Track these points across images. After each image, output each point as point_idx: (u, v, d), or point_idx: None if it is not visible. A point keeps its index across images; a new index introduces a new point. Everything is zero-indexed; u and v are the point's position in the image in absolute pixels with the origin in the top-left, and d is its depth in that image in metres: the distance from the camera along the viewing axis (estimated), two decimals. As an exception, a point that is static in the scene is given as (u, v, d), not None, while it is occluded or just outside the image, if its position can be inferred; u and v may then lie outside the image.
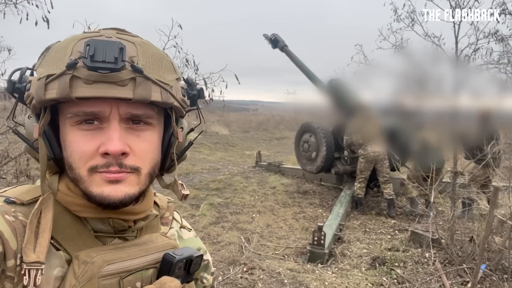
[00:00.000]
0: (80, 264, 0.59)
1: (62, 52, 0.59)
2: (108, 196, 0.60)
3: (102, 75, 0.55)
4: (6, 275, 0.56)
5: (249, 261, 4.10)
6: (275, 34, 7.55)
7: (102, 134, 0.59)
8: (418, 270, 3.95)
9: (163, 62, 0.63)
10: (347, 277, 3.82)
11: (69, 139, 0.60)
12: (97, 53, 0.55)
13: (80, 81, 0.55)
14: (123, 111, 0.59)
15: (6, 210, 0.60)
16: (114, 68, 0.55)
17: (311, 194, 6.99)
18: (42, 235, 0.58)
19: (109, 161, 0.59)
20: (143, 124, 0.62)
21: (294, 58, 7.30)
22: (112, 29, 0.64)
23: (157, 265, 0.66)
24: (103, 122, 0.60)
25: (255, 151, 10.83)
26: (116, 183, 0.60)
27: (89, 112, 0.58)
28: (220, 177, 8.28)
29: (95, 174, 0.60)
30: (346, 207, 5.58)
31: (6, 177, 2.75)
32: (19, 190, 0.67)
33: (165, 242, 0.70)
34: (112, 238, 0.67)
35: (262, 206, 6.18)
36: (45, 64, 0.59)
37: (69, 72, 0.55)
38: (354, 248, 4.54)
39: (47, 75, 0.56)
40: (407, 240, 4.72)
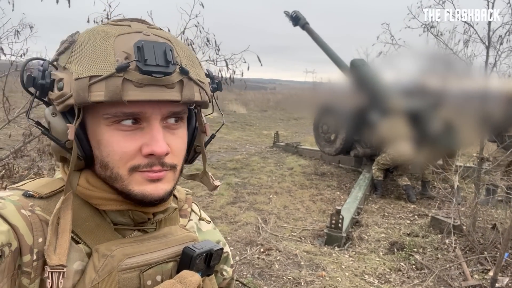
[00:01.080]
0: (100, 258, 0.58)
1: (102, 50, 0.56)
2: (150, 195, 0.61)
3: (155, 79, 0.55)
4: (23, 271, 0.55)
5: (266, 242, 4.12)
6: (296, 11, 7.33)
7: (143, 134, 0.59)
8: (438, 256, 3.89)
9: (195, 59, 0.63)
10: (364, 261, 3.80)
11: (106, 139, 0.59)
12: (149, 56, 0.54)
13: (131, 84, 0.54)
14: (166, 110, 0.60)
15: (23, 204, 0.59)
16: (167, 72, 0.55)
17: (329, 176, 6.93)
18: (62, 235, 0.57)
19: (152, 161, 0.59)
20: (175, 120, 0.63)
21: (315, 36, 7.10)
22: (136, 21, 0.62)
23: (177, 259, 0.66)
24: (142, 121, 0.59)
25: (272, 131, 10.77)
26: (157, 182, 0.61)
27: (129, 113, 0.58)
28: (238, 157, 8.30)
29: (136, 173, 0.60)
30: (364, 190, 5.51)
31: (30, 154, 2.79)
32: (38, 183, 0.65)
33: (185, 235, 0.69)
34: (132, 231, 0.66)
35: (279, 187, 6.18)
36: (80, 62, 0.56)
37: (119, 74, 0.54)
38: (372, 232, 4.50)
39: (90, 76, 0.54)
40: (427, 225, 4.65)
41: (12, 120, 2.64)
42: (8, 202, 0.58)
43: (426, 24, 4.52)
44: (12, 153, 2.40)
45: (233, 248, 3.96)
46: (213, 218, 4.75)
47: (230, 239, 4.18)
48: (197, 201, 2.77)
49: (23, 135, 2.64)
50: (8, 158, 2.52)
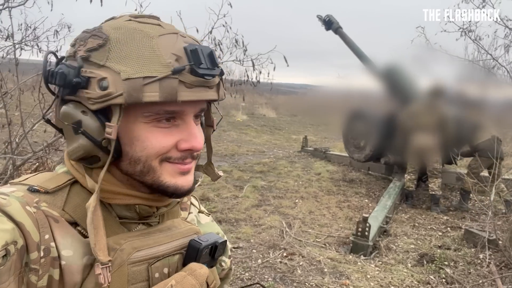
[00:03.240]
0: (109, 251, 0.58)
1: (149, 51, 0.57)
2: (182, 187, 0.64)
3: (205, 81, 0.59)
4: (31, 268, 0.55)
5: (289, 246, 4.06)
6: (329, 16, 7.26)
7: (179, 130, 0.62)
8: (470, 271, 3.70)
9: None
10: (391, 272, 3.66)
11: (144, 135, 0.60)
12: (202, 60, 0.58)
13: (183, 85, 0.57)
14: (199, 108, 0.64)
15: (28, 200, 0.58)
16: (214, 74, 0.60)
17: (357, 183, 6.77)
18: (97, 232, 0.57)
19: (185, 155, 0.63)
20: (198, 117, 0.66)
21: (348, 40, 6.99)
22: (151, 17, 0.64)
23: (182, 251, 0.67)
24: (177, 119, 0.62)
25: (301, 136, 10.68)
26: (186, 174, 0.65)
27: (171, 111, 0.60)
28: (265, 160, 8.28)
29: (166, 164, 0.63)
30: (394, 199, 5.33)
31: (63, 149, 2.89)
32: (42, 178, 0.65)
33: (188, 227, 0.71)
34: (136, 224, 0.67)
35: (305, 192, 6.10)
36: (127, 62, 0.56)
37: (174, 76, 0.56)
38: (401, 243, 4.34)
39: (144, 77, 0.55)
40: (459, 238, 4.43)
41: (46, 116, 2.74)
42: (13, 199, 0.57)
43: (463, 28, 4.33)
44: (45, 147, 2.50)
45: (256, 251, 3.94)
46: (237, 220, 4.75)
47: (253, 241, 4.15)
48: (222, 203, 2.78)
49: (56, 130, 2.74)
50: (43, 151, 2.62)
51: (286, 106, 19.20)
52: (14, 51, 2.73)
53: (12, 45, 2.74)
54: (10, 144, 2.56)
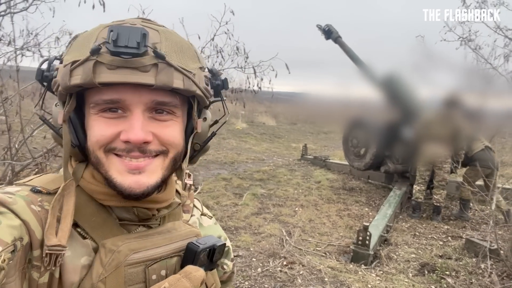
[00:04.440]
0: (107, 253, 0.59)
1: (87, 39, 0.59)
2: (130, 188, 0.60)
3: (125, 61, 0.55)
4: (33, 265, 0.56)
5: (289, 255, 4.03)
6: (329, 25, 7.30)
7: (124, 121, 0.60)
8: (472, 281, 3.66)
9: (187, 50, 0.63)
10: (392, 281, 3.62)
11: (91, 124, 0.61)
12: (120, 39, 0.54)
13: (104, 66, 0.55)
14: (148, 98, 0.59)
15: (32, 199, 0.60)
16: (137, 53, 0.54)
17: (357, 191, 6.75)
18: (64, 220, 0.58)
19: (129, 147, 0.60)
20: (166, 113, 0.62)
21: (347, 50, 7.01)
22: (138, 18, 0.64)
23: (181, 253, 0.67)
24: (126, 111, 0.60)
25: (301, 144, 10.67)
26: (138, 174, 0.61)
27: (108, 100, 0.58)
28: (265, 168, 8.26)
29: (113, 156, 0.61)
30: (394, 207, 5.30)
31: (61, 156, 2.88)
32: (45, 179, 0.67)
33: (188, 230, 0.70)
34: (137, 226, 0.67)
35: (305, 200, 6.07)
36: (72, 52, 0.59)
37: (93, 57, 0.55)
38: (402, 252, 4.31)
39: (72, 62, 0.57)
40: (461, 248, 4.40)
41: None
42: (18, 197, 0.59)
43: (463, 38, 4.35)
44: (44, 153, 2.49)
45: (255, 259, 3.90)
46: (237, 228, 4.72)
47: (253, 250, 4.12)
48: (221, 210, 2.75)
49: (56, 136, 2.72)
50: (42, 157, 2.61)
51: (285, 115, 19.23)
52: (15, 57, 2.73)
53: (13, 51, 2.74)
54: (9, 150, 2.55)
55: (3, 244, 0.50)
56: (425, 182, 5.57)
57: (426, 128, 5.37)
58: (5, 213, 0.55)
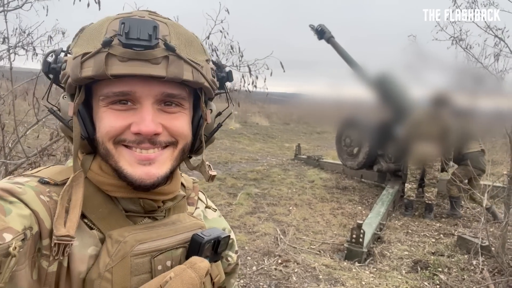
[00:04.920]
0: (113, 243, 0.60)
1: (97, 31, 0.59)
2: (140, 179, 0.61)
3: (137, 53, 0.55)
4: (42, 253, 0.57)
5: (284, 253, 4.05)
6: (321, 25, 7.34)
7: (134, 114, 0.60)
8: (464, 277, 3.71)
9: (194, 43, 0.63)
10: (385, 278, 3.66)
11: (101, 116, 0.61)
12: (131, 31, 0.54)
13: (115, 58, 0.55)
14: (158, 91, 0.60)
15: (41, 190, 0.61)
16: (148, 45, 0.55)
17: (350, 190, 6.80)
18: (72, 211, 0.59)
19: (140, 139, 0.60)
20: (174, 105, 0.63)
21: (340, 50, 7.07)
22: (144, 11, 0.64)
23: (186, 245, 0.68)
24: (135, 103, 0.60)
25: (294, 144, 10.71)
26: (148, 165, 0.61)
27: (118, 92, 0.59)
28: (259, 168, 8.27)
29: (122, 148, 0.61)
30: (387, 206, 5.36)
31: (56, 154, 2.86)
32: (52, 171, 0.68)
33: (193, 222, 0.71)
34: (142, 218, 0.68)
35: (299, 199, 6.10)
36: (80, 44, 0.59)
37: (105, 50, 0.55)
38: (395, 249, 4.35)
39: (83, 54, 0.57)
40: (453, 245, 4.45)
41: (40, 121, 2.72)
42: (28, 188, 0.60)
43: (454, 37, 4.41)
44: (39, 152, 2.47)
45: (250, 258, 3.91)
46: (231, 227, 4.71)
47: (248, 249, 4.13)
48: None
49: (50, 135, 2.71)
50: (35, 156, 2.60)
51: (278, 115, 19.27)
52: (8, 55, 2.71)
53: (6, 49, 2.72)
54: (3, 149, 2.53)
55: (14, 232, 0.51)
56: (416, 181, 5.63)
57: (415, 126, 5.44)
58: (15, 202, 0.56)
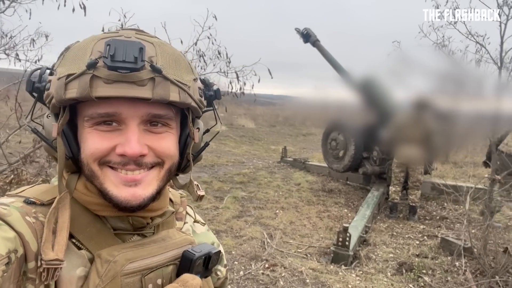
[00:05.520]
0: (103, 263, 0.59)
1: (82, 51, 0.58)
2: (126, 201, 0.60)
3: (122, 75, 0.54)
4: (28, 277, 0.56)
5: (271, 257, 4.05)
6: (307, 29, 7.40)
7: (120, 135, 0.59)
8: (448, 279, 3.78)
9: (181, 63, 0.63)
10: (371, 281, 3.70)
11: (85, 137, 0.60)
12: (117, 53, 0.54)
13: (100, 80, 0.55)
14: (144, 112, 0.59)
15: (27, 211, 0.60)
16: (134, 68, 0.54)
17: (336, 193, 6.85)
18: (60, 233, 0.58)
19: (125, 160, 0.60)
20: (160, 125, 0.62)
21: (326, 53, 7.14)
22: (131, 30, 0.63)
23: (176, 262, 0.67)
24: (121, 124, 0.59)
25: (280, 146, 10.74)
26: (134, 186, 0.61)
27: (103, 113, 0.58)
28: (245, 171, 8.27)
29: (108, 169, 0.61)
30: (373, 208, 5.42)
31: (39, 160, 2.80)
32: (38, 190, 0.66)
33: (183, 238, 0.71)
34: (131, 235, 0.67)
35: (286, 203, 6.12)
36: (65, 64, 0.58)
37: (89, 71, 0.55)
38: (380, 252, 4.41)
39: (67, 75, 0.56)
40: (436, 247, 4.54)
41: (23, 127, 2.66)
42: (13, 209, 0.59)
43: (437, 43, 4.51)
44: (21, 158, 2.42)
45: (237, 263, 3.90)
46: (218, 231, 4.71)
47: (235, 253, 4.12)
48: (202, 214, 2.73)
49: (33, 141, 2.66)
50: (18, 163, 2.53)
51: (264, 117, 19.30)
52: (-10, 59, 2.64)
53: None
54: (-17, 156, 2.46)
55: None
56: (400, 183, 5.72)
57: (399, 129, 5.53)
58: (0, 225, 0.54)
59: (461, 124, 5.51)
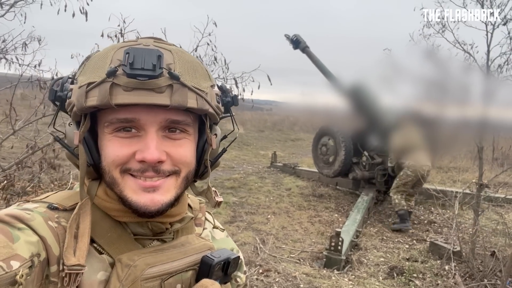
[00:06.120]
0: (123, 268, 0.60)
1: (102, 60, 0.60)
2: (145, 206, 0.61)
3: (141, 82, 0.56)
4: (50, 280, 0.57)
5: (264, 263, 4.06)
6: (296, 35, 7.48)
7: (139, 141, 0.61)
8: (438, 283, 3.85)
9: (199, 70, 0.64)
10: (364, 285, 3.74)
11: (106, 144, 0.62)
12: (136, 61, 0.56)
13: (120, 88, 0.56)
14: (162, 118, 0.60)
15: (50, 216, 0.62)
16: (152, 75, 0.56)
17: (326, 198, 6.91)
18: (81, 239, 0.59)
19: (144, 167, 0.61)
20: (179, 132, 0.63)
21: (315, 60, 7.21)
22: (149, 38, 0.64)
23: (195, 267, 0.67)
24: (140, 130, 0.61)
25: (269, 151, 10.79)
26: (152, 192, 0.62)
27: (122, 119, 0.59)
28: (235, 176, 8.27)
29: (128, 176, 0.62)
30: (363, 213, 5.49)
31: (32, 166, 2.76)
32: (60, 196, 0.67)
33: (202, 243, 0.71)
34: (151, 241, 0.68)
35: (277, 208, 6.14)
36: (86, 73, 0.60)
37: (109, 79, 0.56)
38: (371, 256, 4.46)
39: (88, 83, 0.58)
40: (426, 251, 4.62)
41: (16, 131, 2.62)
42: (36, 214, 0.60)
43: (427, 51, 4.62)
44: (16, 164, 2.38)
45: (231, 268, 3.89)
46: (210, 237, 4.69)
47: (228, 259, 4.11)
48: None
49: (27, 146, 2.62)
50: (11, 169, 2.50)
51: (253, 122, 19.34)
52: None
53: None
54: (-25, 161, 2.42)
55: (21, 259, 0.51)
56: (405, 193, 5.57)
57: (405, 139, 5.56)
58: (23, 229, 0.56)
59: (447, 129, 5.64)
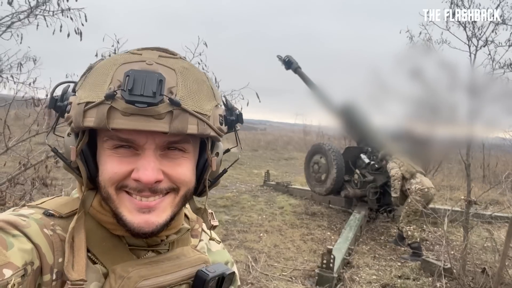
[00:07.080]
0: (116, 279, 0.60)
1: (102, 78, 0.58)
2: (139, 227, 0.61)
3: (140, 109, 0.54)
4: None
5: (256, 281, 4.04)
6: (288, 56, 7.65)
7: (136, 160, 0.60)
8: (429, 300, 3.86)
9: (203, 90, 0.61)
10: (356, 303, 3.73)
11: (104, 159, 0.61)
12: (135, 86, 0.54)
13: (118, 112, 0.55)
14: (160, 140, 0.59)
15: (45, 223, 0.61)
16: (152, 102, 0.54)
17: (319, 216, 6.92)
18: (78, 253, 0.59)
19: (140, 187, 0.60)
20: (178, 150, 0.62)
21: (307, 80, 7.36)
22: (154, 49, 0.63)
23: (189, 281, 0.67)
24: (138, 149, 0.60)
25: (263, 170, 10.81)
26: (147, 213, 0.61)
27: (123, 139, 0.59)
28: (228, 195, 8.26)
29: (124, 194, 0.61)
30: (355, 231, 5.50)
31: (24, 184, 2.78)
32: (57, 202, 0.67)
33: (197, 257, 0.70)
34: (146, 251, 0.68)
35: (269, 226, 6.13)
36: (85, 88, 0.59)
37: (107, 102, 0.55)
38: (363, 274, 4.46)
39: (86, 102, 0.56)
40: (417, 268, 4.63)
41: (10, 148, 2.65)
42: (32, 220, 0.59)
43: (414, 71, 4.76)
44: (8, 180, 2.40)
45: (222, 287, 3.87)
46: (202, 255, 4.67)
47: (220, 277, 4.09)
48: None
49: (19, 163, 2.64)
50: (3, 185, 2.51)
51: (247, 141, 19.40)
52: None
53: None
54: (-33, 178, 2.43)
55: (14, 268, 0.50)
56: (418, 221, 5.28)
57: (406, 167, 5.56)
58: (18, 236, 0.55)
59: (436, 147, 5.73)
